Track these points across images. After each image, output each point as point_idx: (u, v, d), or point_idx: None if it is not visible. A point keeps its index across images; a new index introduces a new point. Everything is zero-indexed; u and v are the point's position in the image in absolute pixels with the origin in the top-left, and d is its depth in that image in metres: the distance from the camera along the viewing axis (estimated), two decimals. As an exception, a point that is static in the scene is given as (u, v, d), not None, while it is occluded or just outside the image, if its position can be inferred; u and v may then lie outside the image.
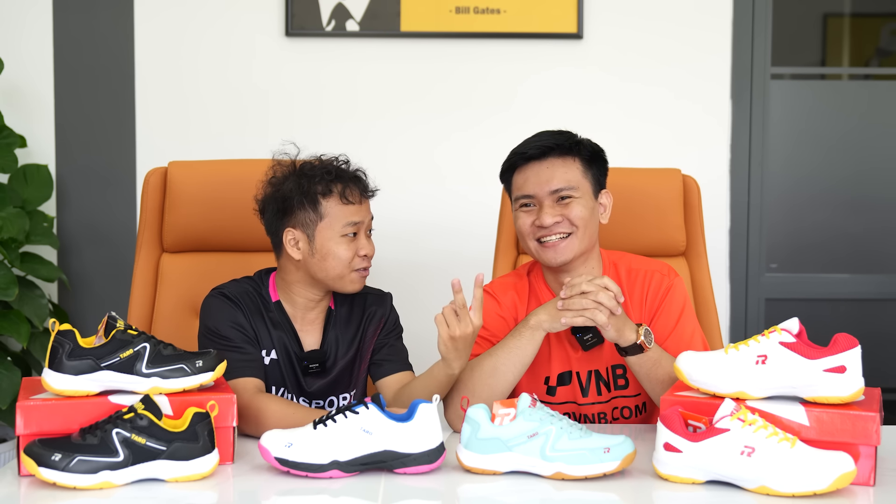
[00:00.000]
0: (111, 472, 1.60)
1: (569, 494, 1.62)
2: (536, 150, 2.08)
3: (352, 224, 2.06)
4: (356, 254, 2.06)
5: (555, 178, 2.06)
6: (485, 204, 3.19)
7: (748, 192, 3.44)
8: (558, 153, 2.07)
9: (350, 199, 2.06)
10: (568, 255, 2.05)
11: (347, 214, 2.06)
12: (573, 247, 2.05)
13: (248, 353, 2.04)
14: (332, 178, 2.06)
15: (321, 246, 2.05)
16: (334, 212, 2.05)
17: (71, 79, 3.38)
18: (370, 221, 2.12)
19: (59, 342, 1.69)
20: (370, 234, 2.12)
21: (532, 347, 1.98)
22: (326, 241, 2.05)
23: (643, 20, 3.39)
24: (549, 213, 2.04)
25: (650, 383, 1.98)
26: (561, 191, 2.05)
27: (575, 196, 2.05)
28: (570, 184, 2.05)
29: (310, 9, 3.33)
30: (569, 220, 2.04)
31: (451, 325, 1.89)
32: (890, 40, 3.90)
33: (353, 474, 1.68)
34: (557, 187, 2.05)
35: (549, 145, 2.07)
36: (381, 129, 3.39)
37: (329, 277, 2.06)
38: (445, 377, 1.95)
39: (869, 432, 1.63)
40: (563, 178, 2.06)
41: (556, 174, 2.06)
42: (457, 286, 1.92)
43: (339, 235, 2.05)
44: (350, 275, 2.07)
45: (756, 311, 3.47)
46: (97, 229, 3.40)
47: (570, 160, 2.08)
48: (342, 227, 2.05)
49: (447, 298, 3.37)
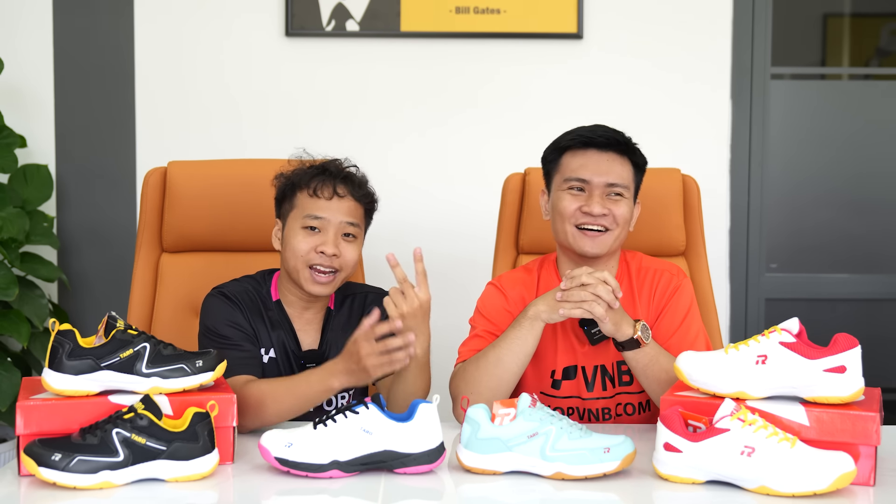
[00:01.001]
0: (111, 472, 1.60)
1: (569, 494, 1.62)
2: (602, 140, 2.10)
3: (312, 217, 2.05)
4: (314, 248, 2.04)
5: (613, 172, 2.08)
6: (484, 204, 3.18)
7: (748, 192, 3.44)
8: (619, 150, 2.10)
9: (318, 194, 2.06)
10: (603, 248, 2.07)
11: (311, 207, 2.06)
12: (609, 242, 2.08)
13: (246, 351, 2.04)
14: (316, 173, 2.08)
15: (285, 235, 2.09)
16: (301, 203, 2.08)
17: (71, 79, 3.38)
18: (343, 224, 2.07)
19: (59, 342, 1.69)
20: (348, 237, 2.09)
21: (532, 338, 1.99)
22: (289, 231, 2.08)
23: (643, 20, 3.39)
24: (599, 204, 2.06)
25: (647, 380, 1.99)
26: (615, 186, 2.08)
27: (625, 195, 2.09)
28: (624, 181, 2.09)
29: (310, 9, 3.33)
30: (613, 216, 2.07)
31: (397, 303, 1.92)
32: (890, 40, 3.90)
33: (353, 474, 1.68)
34: (614, 181, 2.08)
35: (614, 138, 2.10)
36: (381, 129, 3.39)
37: (288, 269, 2.08)
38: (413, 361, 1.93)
39: (869, 432, 1.63)
40: (620, 174, 2.09)
41: (614, 168, 2.09)
42: (392, 260, 1.95)
43: (300, 227, 2.06)
44: (304, 270, 2.05)
45: (756, 311, 3.47)
46: (97, 229, 3.40)
47: (627, 161, 2.11)
48: (303, 219, 2.06)
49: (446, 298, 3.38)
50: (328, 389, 1.91)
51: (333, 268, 2.06)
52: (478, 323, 2.13)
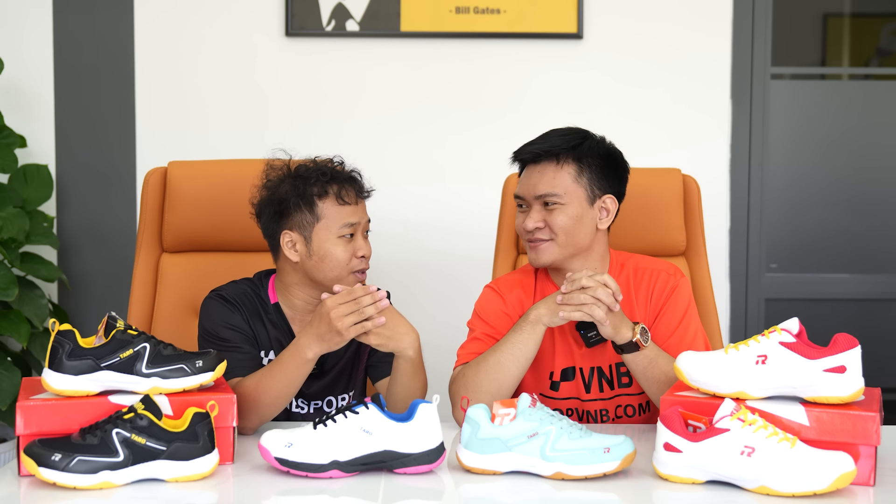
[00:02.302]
0: (111, 472, 1.60)
1: (569, 494, 1.62)
2: (528, 155, 2.10)
3: (348, 225, 2.06)
4: (354, 255, 2.06)
5: (541, 184, 2.07)
6: (484, 204, 3.19)
7: (748, 191, 3.44)
8: (550, 157, 2.08)
9: (346, 200, 2.06)
10: (547, 259, 2.07)
11: (344, 215, 2.06)
12: (553, 252, 2.07)
13: (246, 353, 2.04)
14: (328, 179, 2.06)
15: (318, 248, 2.05)
16: (331, 213, 2.05)
17: (71, 79, 3.38)
18: (367, 222, 2.12)
19: (59, 342, 1.69)
20: (367, 234, 2.12)
21: (533, 342, 1.99)
22: (324, 243, 2.05)
23: (643, 20, 3.39)
24: (532, 218, 2.07)
25: (647, 382, 1.99)
26: (544, 196, 2.07)
27: (559, 203, 2.06)
28: (553, 190, 2.06)
29: (310, 9, 3.33)
30: (549, 227, 2.06)
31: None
32: (890, 40, 3.90)
33: (353, 474, 1.68)
34: (541, 193, 2.07)
35: (541, 150, 2.08)
36: (381, 129, 3.39)
37: (327, 279, 2.06)
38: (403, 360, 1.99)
39: (869, 432, 1.63)
40: (549, 184, 2.06)
41: (543, 180, 2.07)
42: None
43: (336, 237, 2.05)
44: (348, 277, 2.07)
45: (756, 311, 3.47)
46: (97, 229, 3.40)
47: (564, 165, 2.07)
48: (339, 229, 2.05)
49: (446, 298, 3.39)
50: (304, 360, 1.92)
51: (368, 266, 2.10)
52: (476, 326, 2.13)
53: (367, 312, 1.89)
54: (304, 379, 1.95)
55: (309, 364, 1.93)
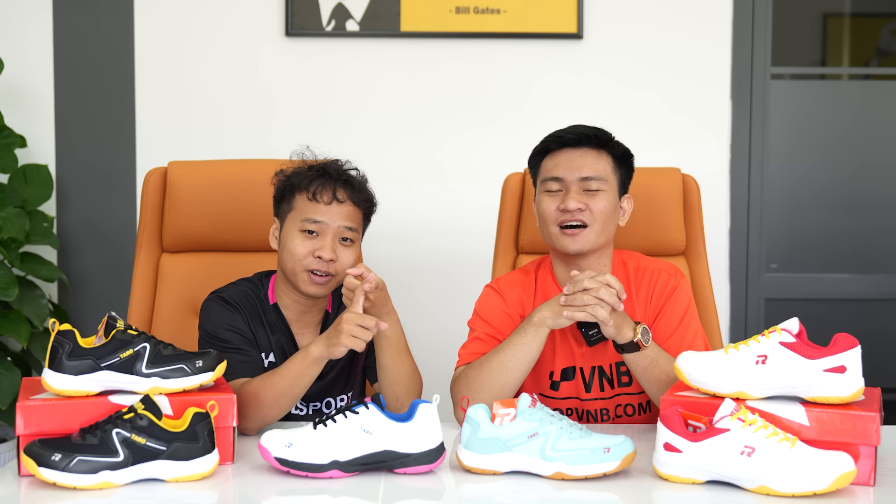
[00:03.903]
0: (111, 472, 1.60)
1: (569, 494, 1.62)
2: (573, 137, 2.11)
3: (310, 221, 2.05)
4: (311, 253, 2.05)
5: (586, 166, 2.08)
6: (484, 204, 3.19)
7: (748, 191, 3.44)
8: (593, 144, 2.11)
9: (317, 198, 2.06)
10: (584, 245, 2.06)
11: (309, 211, 2.06)
12: (590, 239, 2.07)
13: (247, 354, 2.04)
14: (315, 175, 2.08)
15: (283, 237, 2.09)
16: (300, 205, 2.08)
17: (71, 79, 3.38)
18: (341, 228, 2.07)
19: (59, 342, 1.69)
20: (345, 242, 2.08)
21: (537, 344, 1.99)
22: (287, 234, 2.08)
23: (643, 20, 3.39)
24: (573, 198, 2.06)
25: (647, 382, 1.99)
26: (590, 179, 2.08)
27: (602, 189, 2.08)
28: (599, 174, 2.08)
29: (310, 9, 3.33)
30: (591, 210, 2.06)
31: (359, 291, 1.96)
32: (890, 40, 3.90)
33: (353, 474, 1.68)
34: (588, 175, 2.08)
35: (586, 133, 2.11)
36: (382, 128, 3.39)
37: (285, 271, 2.08)
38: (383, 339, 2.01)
39: (869, 432, 1.63)
40: (594, 167, 2.09)
41: (587, 162, 2.09)
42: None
43: (298, 230, 2.06)
44: (301, 273, 2.05)
45: (756, 311, 3.47)
46: (97, 229, 3.40)
47: (604, 154, 2.11)
48: (301, 222, 2.06)
49: (446, 298, 3.39)
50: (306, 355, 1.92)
51: (330, 272, 2.06)
52: (477, 326, 2.13)
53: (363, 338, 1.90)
54: (308, 380, 1.94)
55: (312, 361, 1.92)
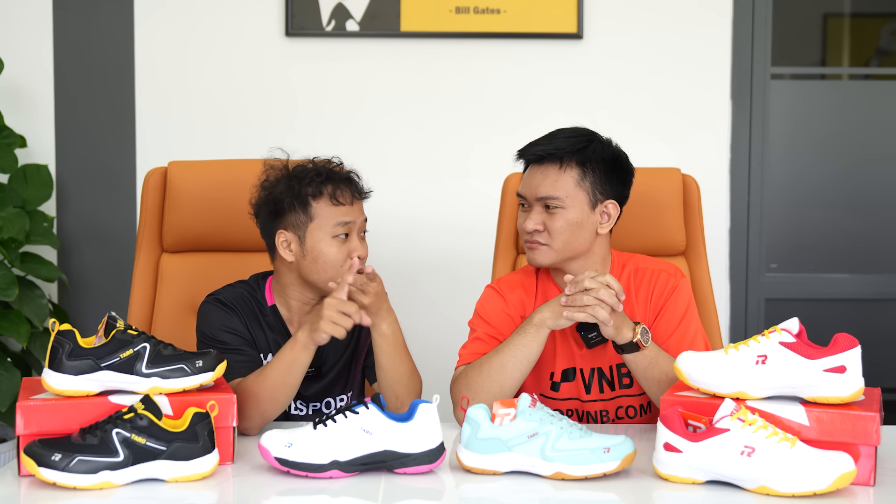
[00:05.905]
0: (111, 472, 1.60)
1: (569, 494, 1.62)
2: (532, 156, 2.09)
3: (342, 224, 2.05)
4: (348, 256, 2.05)
5: (542, 186, 2.06)
6: (484, 204, 3.18)
7: (748, 191, 3.44)
8: (554, 160, 2.06)
9: (340, 200, 2.05)
10: (545, 260, 2.07)
11: (337, 215, 2.05)
12: (549, 256, 2.07)
13: (246, 355, 2.04)
14: (323, 179, 2.06)
15: (312, 248, 2.05)
16: (324, 213, 2.05)
17: (71, 79, 3.38)
18: (363, 223, 2.10)
19: (59, 342, 1.69)
20: (364, 235, 2.11)
21: (537, 345, 1.99)
22: (317, 243, 2.05)
23: (643, 21, 3.39)
24: (532, 220, 2.06)
25: (647, 382, 1.99)
26: (545, 199, 2.06)
27: (560, 206, 2.05)
28: (555, 193, 2.05)
29: (310, 9, 3.33)
30: (548, 231, 2.05)
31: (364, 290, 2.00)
32: (890, 40, 3.90)
33: (353, 474, 1.68)
34: (542, 195, 2.06)
35: (545, 152, 2.07)
36: (382, 128, 3.39)
37: (321, 280, 2.05)
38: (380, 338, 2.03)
39: (869, 432, 1.63)
40: (551, 186, 2.05)
41: (545, 182, 2.06)
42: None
43: (330, 237, 2.05)
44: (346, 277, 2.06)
45: (756, 311, 3.47)
46: (97, 229, 3.40)
47: (567, 169, 2.06)
48: (332, 228, 2.05)
49: (446, 297, 3.39)
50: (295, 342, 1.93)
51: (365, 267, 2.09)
52: (477, 326, 2.13)
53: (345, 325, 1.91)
54: (301, 368, 1.94)
55: (301, 347, 1.92)
